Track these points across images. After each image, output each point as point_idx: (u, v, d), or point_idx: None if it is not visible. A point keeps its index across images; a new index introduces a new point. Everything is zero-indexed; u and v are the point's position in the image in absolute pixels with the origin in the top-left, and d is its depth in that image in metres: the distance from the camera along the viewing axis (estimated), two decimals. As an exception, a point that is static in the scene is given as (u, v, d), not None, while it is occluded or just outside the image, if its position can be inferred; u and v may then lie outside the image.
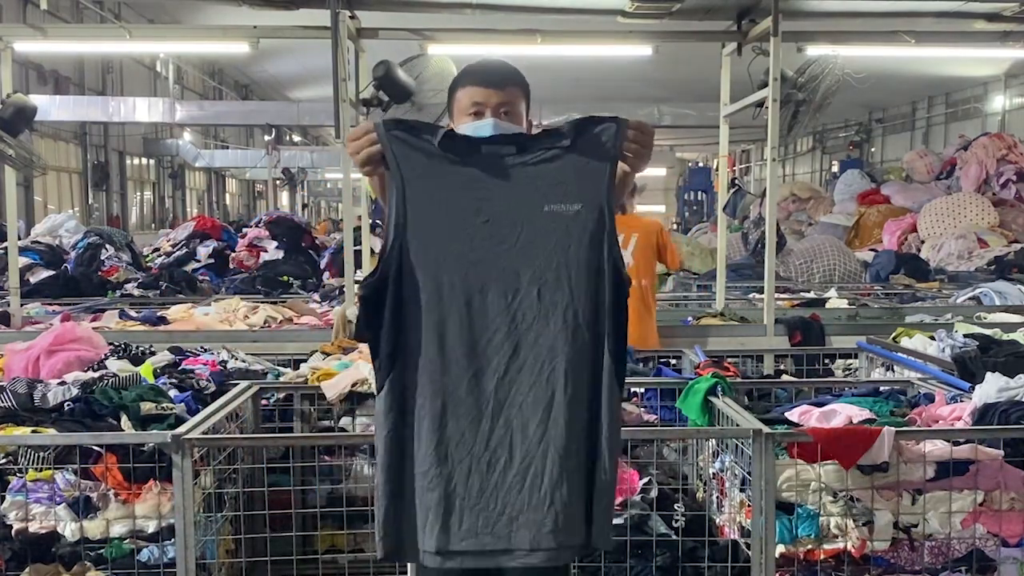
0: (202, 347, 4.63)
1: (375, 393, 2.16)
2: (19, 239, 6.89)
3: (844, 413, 3.30)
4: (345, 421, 3.79)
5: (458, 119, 2.36)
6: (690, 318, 6.12)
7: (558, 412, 2.10)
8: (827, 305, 6.85)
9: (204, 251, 9.11)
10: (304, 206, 28.51)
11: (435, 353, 2.10)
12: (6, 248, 6.98)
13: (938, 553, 3.12)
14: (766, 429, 3.06)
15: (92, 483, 3.13)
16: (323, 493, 3.55)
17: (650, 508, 3.27)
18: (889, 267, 9.32)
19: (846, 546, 3.08)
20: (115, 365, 3.96)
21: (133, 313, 6.19)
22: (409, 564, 2.39)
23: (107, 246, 8.85)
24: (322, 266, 8.86)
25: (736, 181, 12.92)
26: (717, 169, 18.50)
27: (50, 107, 13.80)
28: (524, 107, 2.36)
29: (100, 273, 8.32)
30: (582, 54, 8.81)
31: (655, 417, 3.82)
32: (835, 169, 22.87)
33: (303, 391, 3.85)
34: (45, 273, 8.16)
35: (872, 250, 11.14)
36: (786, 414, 3.45)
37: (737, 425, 3.23)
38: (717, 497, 3.43)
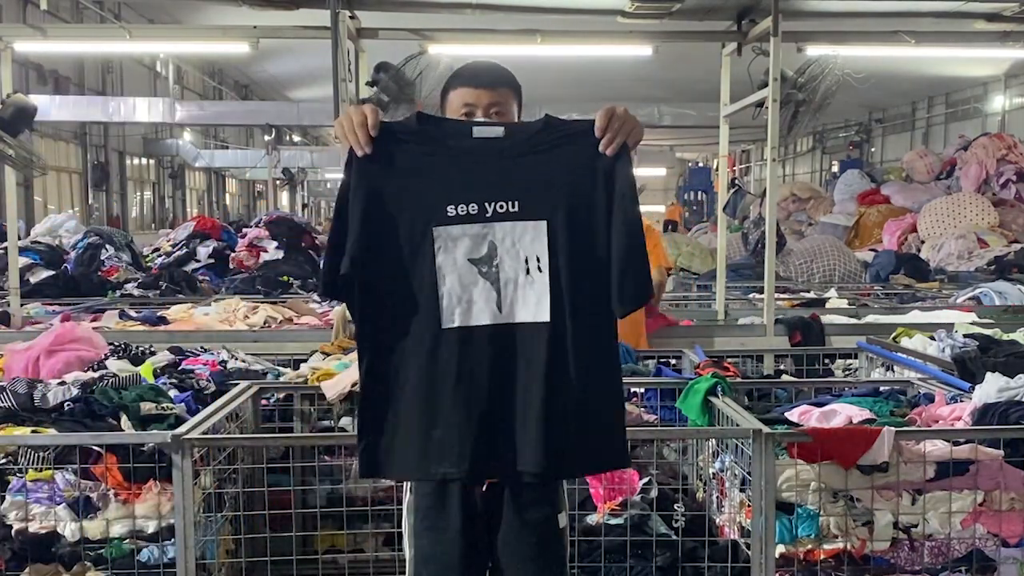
0: (202, 347, 4.63)
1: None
2: (19, 239, 6.88)
3: (844, 413, 3.30)
4: (345, 421, 3.79)
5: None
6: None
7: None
8: (827, 305, 6.85)
9: (204, 251, 9.10)
10: (304, 206, 28.51)
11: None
12: (6, 248, 6.98)
13: (938, 553, 3.12)
14: (766, 429, 3.06)
15: (92, 483, 3.13)
16: (323, 493, 3.55)
17: (650, 508, 3.27)
18: (889, 267, 9.32)
19: (846, 546, 3.08)
20: (115, 365, 3.96)
21: (133, 313, 6.19)
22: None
23: (107, 246, 8.84)
24: (322, 266, 8.85)
25: (736, 181, 12.92)
26: (717, 169, 18.49)
27: (50, 107, 13.78)
28: (516, 108, 2.36)
29: (100, 273, 8.31)
30: (582, 54, 8.81)
31: (655, 417, 3.82)
32: (835, 169, 22.87)
33: (303, 391, 3.85)
34: (45, 273, 8.15)
35: (872, 250, 11.14)
36: (786, 414, 3.46)
37: (737, 425, 3.23)
38: (717, 497, 3.43)
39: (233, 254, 9.13)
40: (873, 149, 24.71)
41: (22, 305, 6.22)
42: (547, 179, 2.06)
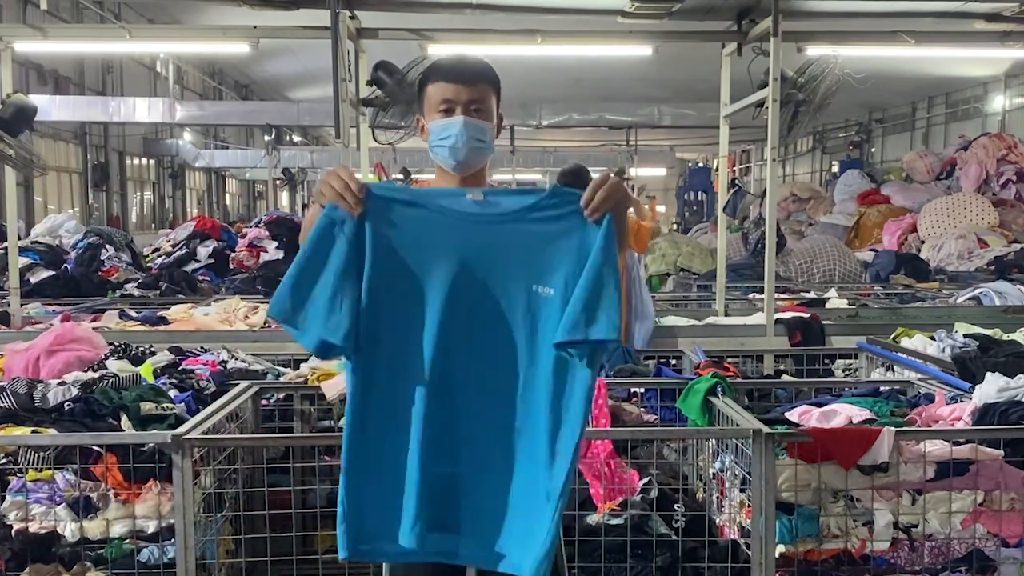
0: (202, 347, 4.63)
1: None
2: (19, 239, 6.88)
3: (844, 413, 3.30)
4: (345, 421, 3.78)
5: (428, 116, 2.37)
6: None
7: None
8: (827, 305, 6.84)
9: (204, 251, 9.10)
10: (304, 206, 28.50)
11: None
12: (6, 248, 6.97)
13: (938, 553, 3.12)
14: (766, 429, 3.06)
15: (92, 483, 3.13)
16: (323, 493, 3.54)
17: (650, 508, 3.27)
18: (889, 267, 9.31)
19: (846, 546, 3.08)
20: (115, 365, 3.96)
21: (133, 313, 6.19)
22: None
23: (107, 246, 8.84)
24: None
25: (736, 181, 12.92)
26: (717, 169, 18.49)
27: (50, 107, 13.77)
28: (495, 104, 2.38)
29: (100, 273, 8.31)
30: (582, 54, 8.82)
31: (655, 417, 3.82)
32: (835, 169, 22.84)
33: (303, 391, 3.85)
34: (45, 273, 8.15)
35: (872, 250, 11.12)
36: (786, 414, 3.46)
37: (737, 425, 3.23)
38: (717, 497, 3.43)
39: (233, 254, 9.13)
40: (873, 149, 24.70)
41: (22, 305, 6.22)
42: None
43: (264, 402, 3.89)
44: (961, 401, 3.49)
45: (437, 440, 2.11)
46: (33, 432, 3.14)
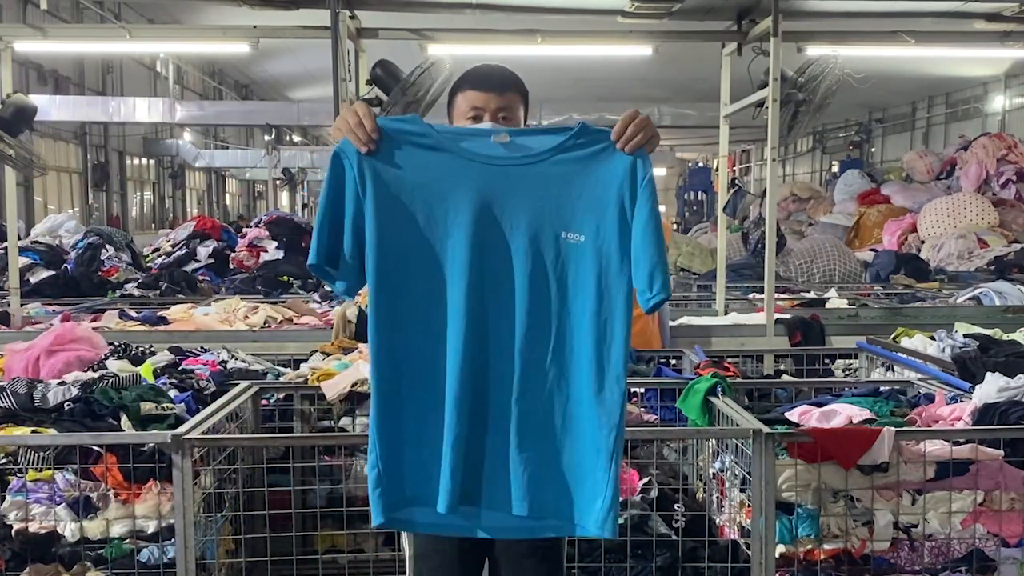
0: (202, 347, 4.63)
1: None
2: (19, 239, 6.88)
3: (844, 413, 3.30)
4: (345, 421, 3.79)
5: (456, 123, 2.36)
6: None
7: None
8: (827, 305, 6.84)
9: (204, 251, 9.11)
10: (304, 206, 28.52)
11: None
12: (6, 248, 6.98)
13: (938, 553, 3.12)
14: (766, 429, 3.06)
15: (92, 483, 3.13)
16: (323, 493, 3.55)
17: (650, 508, 3.27)
18: (889, 267, 9.30)
19: (846, 546, 3.08)
20: (115, 365, 3.96)
21: (133, 313, 6.19)
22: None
23: (107, 246, 8.85)
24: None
25: (736, 181, 12.92)
26: (717, 169, 18.50)
27: (50, 107, 13.80)
28: (523, 114, 2.37)
29: (100, 273, 8.31)
30: (582, 54, 8.81)
31: (655, 417, 3.82)
32: (835, 169, 22.88)
33: (303, 391, 3.85)
34: (45, 273, 8.15)
35: (872, 250, 11.11)
36: (786, 414, 3.45)
37: (737, 425, 3.23)
38: (717, 497, 3.43)
39: (233, 254, 9.14)
40: (873, 149, 24.73)
41: (22, 305, 6.22)
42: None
43: (264, 402, 3.89)
44: (961, 401, 3.49)
45: (469, 402, 2.03)
46: (33, 432, 3.14)
